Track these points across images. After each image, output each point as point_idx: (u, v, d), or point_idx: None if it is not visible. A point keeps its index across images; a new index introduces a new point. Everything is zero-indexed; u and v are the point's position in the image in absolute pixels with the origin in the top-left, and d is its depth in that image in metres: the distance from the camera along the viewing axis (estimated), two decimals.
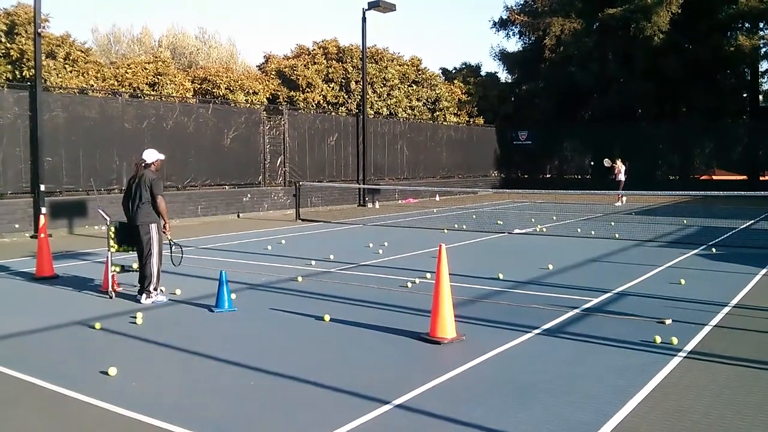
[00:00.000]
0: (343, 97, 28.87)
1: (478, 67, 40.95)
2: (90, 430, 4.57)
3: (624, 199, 27.02)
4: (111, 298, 8.74)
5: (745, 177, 32.95)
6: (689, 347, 6.32)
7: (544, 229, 16.94)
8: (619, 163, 27.11)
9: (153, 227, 8.57)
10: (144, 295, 8.48)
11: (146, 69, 22.74)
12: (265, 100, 25.97)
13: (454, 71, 40.80)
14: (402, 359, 6.11)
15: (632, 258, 12.11)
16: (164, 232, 8.74)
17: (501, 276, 10.08)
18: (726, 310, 7.91)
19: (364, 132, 26.66)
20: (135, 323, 7.40)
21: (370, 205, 26.09)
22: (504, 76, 42.87)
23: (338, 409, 4.85)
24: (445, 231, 16.63)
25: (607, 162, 27.61)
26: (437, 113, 34.50)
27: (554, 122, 37.65)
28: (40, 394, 5.22)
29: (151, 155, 8.78)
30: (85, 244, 14.36)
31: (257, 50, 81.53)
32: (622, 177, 26.79)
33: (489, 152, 37.04)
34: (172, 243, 9.14)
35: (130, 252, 9.06)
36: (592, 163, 26.10)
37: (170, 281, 9.56)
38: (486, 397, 5.10)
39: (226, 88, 24.54)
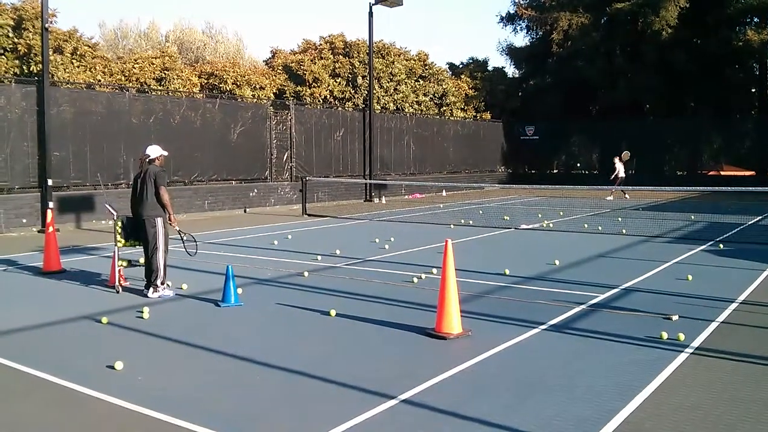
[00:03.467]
0: (350, 92, 28.85)
1: (485, 62, 40.86)
2: (96, 425, 4.59)
3: (627, 195, 27.00)
4: (118, 292, 8.76)
5: (753, 172, 32.78)
6: (696, 343, 6.30)
7: (551, 225, 16.91)
8: (616, 160, 26.99)
9: (159, 221, 8.61)
10: (150, 290, 8.51)
11: (153, 64, 22.78)
12: (271, 95, 25.99)
13: (461, 66, 40.72)
14: (408, 354, 6.11)
15: (639, 254, 12.08)
16: (170, 224, 8.76)
17: (507, 271, 10.06)
18: (733, 306, 7.87)
19: (370, 127, 26.64)
20: (142, 318, 7.42)
21: (376, 200, 26.08)
22: (511, 70, 42.82)
23: (344, 404, 4.86)
24: (452, 226, 16.61)
25: (626, 155, 27.24)
26: (444, 108, 34.45)
27: (561, 117, 37.53)
28: (47, 389, 5.25)
29: (154, 151, 8.82)
30: (92, 239, 14.41)
31: (264, 45, 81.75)
32: (622, 173, 26.64)
33: (496, 147, 36.96)
34: (182, 235, 9.17)
35: (137, 246, 9.10)
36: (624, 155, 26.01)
37: (177, 276, 9.59)
38: (492, 392, 5.09)
39: (232, 83, 24.56)
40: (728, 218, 18.16)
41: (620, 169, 26.49)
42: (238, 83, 24.77)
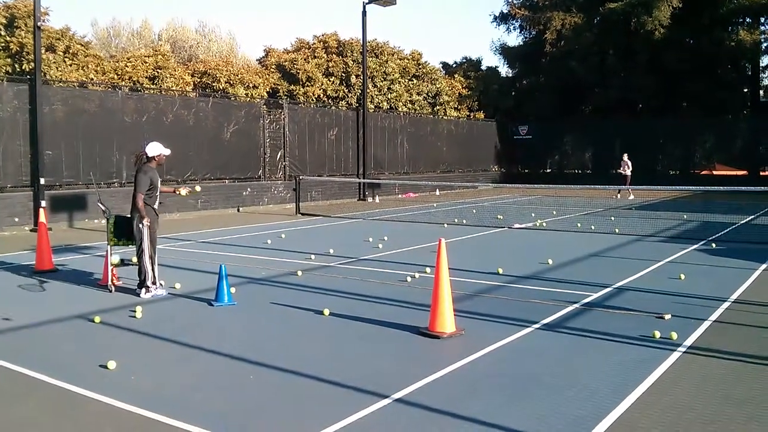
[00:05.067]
0: (344, 91, 28.82)
1: (478, 62, 40.88)
2: (89, 424, 4.57)
3: (619, 195, 27.09)
4: (111, 291, 8.73)
5: (745, 172, 32.93)
6: (688, 342, 6.32)
7: (544, 224, 16.94)
8: (625, 157, 27.10)
9: (144, 221, 8.51)
10: (143, 290, 8.47)
11: (146, 62, 22.69)
12: (265, 93, 25.93)
13: (454, 65, 40.75)
14: (401, 354, 6.11)
15: (632, 253, 12.11)
16: (143, 225, 8.46)
17: (501, 271, 10.07)
18: (725, 305, 7.91)
19: (364, 126, 26.63)
20: (134, 317, 7.40)
21: (370, 199, 26.08)
22: (504, 70, 42.89)
23: (337, 403, 4.86)
24: (445, 225, 16.62)
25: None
26: (438, 107, 34.46)
27: (555, 117, 37.61)
28: (39, 388, 5.22)
29: (153, 149, 8.64)
30: (85, 238, 14.36)
31: (257, 44, 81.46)
32: (628, 171, 26.77)
33: (489, 147, 36.99)
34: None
35: (130, 246, 9.06)
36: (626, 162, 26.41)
37: (170, 275, 9.56)
38: (485, 391, 5.10)
39: (226, 82, 24.51)
40: (721, 217, 18.23)
41: (628, 167, 26.60)
42: (232, 82, 24.72)
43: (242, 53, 44.08)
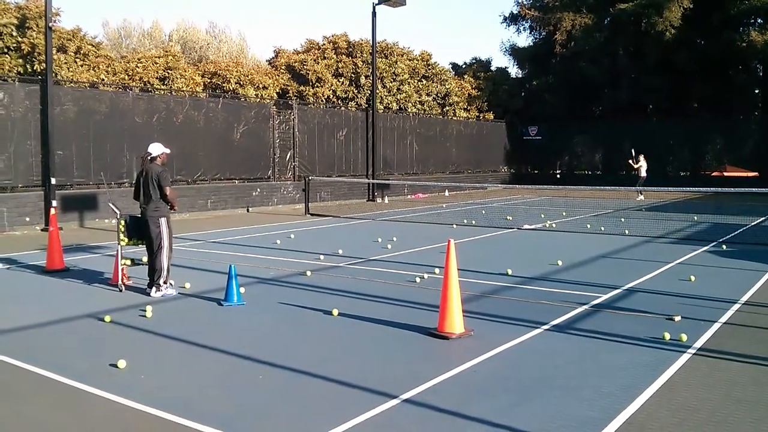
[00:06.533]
0: (353, 92, 28.84)
1: (488, 62, 40.82)
2: (99, 423, 4.60)
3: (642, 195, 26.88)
4: (121, 291, 8.78)
5: (756, 173, 32.71)
6: (699, 344, 6.29)
7: (554, 225, 16.90)
8: (642, 158, 26.95)
9: (163, 221, 8.65)
10: (153, 289, 8.52)
11: (156, 63, 22.78)
12: (274, 94, 25.98)
13: (464, 66, 40.70)
14: (410, 354, 6.11)
15: (642, 254, 12.07)
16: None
17: (510, 272, 10.06)
18: (736, 307, 7.87)
19: (373, 127, 26.63)
20: (145, 316, 7.44)
21: (379, 200, 26.08)
22: (514, 71, 42.81)
23: (346, 404, 4.86)
24: (454, 226, 16.61)
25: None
26: (447, 108, 34.43)
27: (565, 118, 37.49)
28: (50, 387, 5.26)
29: (156, 148, 8.83)
30: (96, 238, 14.43)
31: (267, 45, 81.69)
32: (644, 173, 26.64)
33: (499, 148, 36.94)
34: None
35: (140, 245, 9.11)
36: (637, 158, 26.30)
37: (180, 275, 9.60)
38: (493, 392, 5.09)
39: (236, 83, 24.57)
40: (731, 219, 18.13)
41: (643, 167, 26.45)
42: (242, 83, 24.78)
43: (252, 54, 44.22)
